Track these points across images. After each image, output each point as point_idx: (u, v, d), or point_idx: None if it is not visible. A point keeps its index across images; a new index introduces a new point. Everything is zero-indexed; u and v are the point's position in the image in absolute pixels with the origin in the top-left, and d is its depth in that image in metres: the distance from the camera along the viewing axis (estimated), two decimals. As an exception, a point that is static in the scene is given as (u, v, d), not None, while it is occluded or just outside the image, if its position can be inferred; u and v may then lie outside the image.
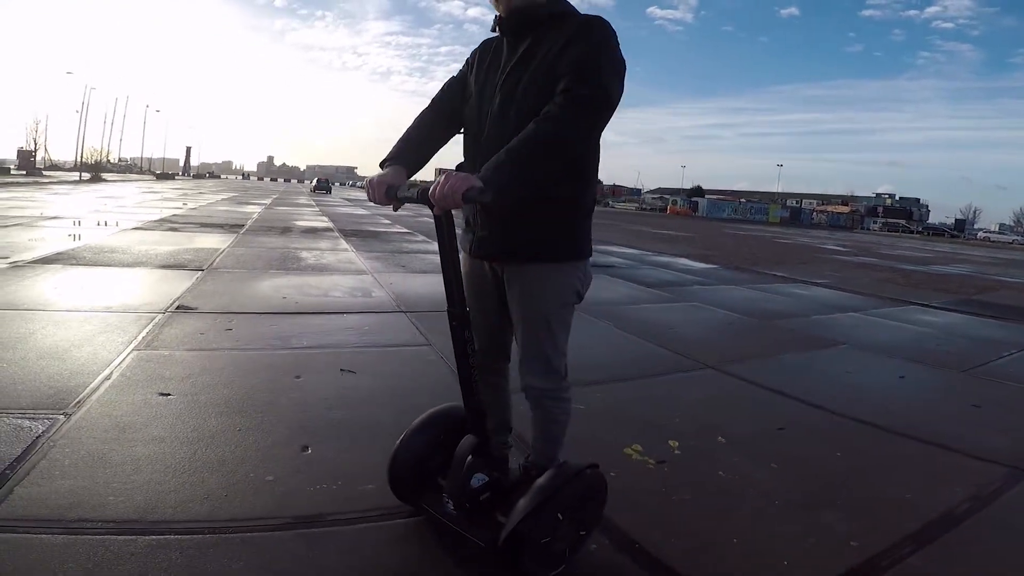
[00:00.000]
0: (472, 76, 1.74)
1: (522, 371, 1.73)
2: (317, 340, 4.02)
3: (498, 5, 1.61)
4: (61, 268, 5.91)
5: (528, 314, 1.68)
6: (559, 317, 1.70)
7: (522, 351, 1.73)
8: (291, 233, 11.19)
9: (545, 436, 1.81)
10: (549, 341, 1.69)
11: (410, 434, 1.90)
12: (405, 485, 1.89)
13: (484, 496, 1.76)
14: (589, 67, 1.44)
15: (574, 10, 1.63)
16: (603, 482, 1.86)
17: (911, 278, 12.49)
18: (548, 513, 1.60)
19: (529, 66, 1.55)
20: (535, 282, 1.65)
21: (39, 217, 11.06)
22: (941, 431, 3.21)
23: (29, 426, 2.39)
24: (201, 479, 2.11)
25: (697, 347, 4.67)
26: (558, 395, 1.76)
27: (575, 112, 1.39)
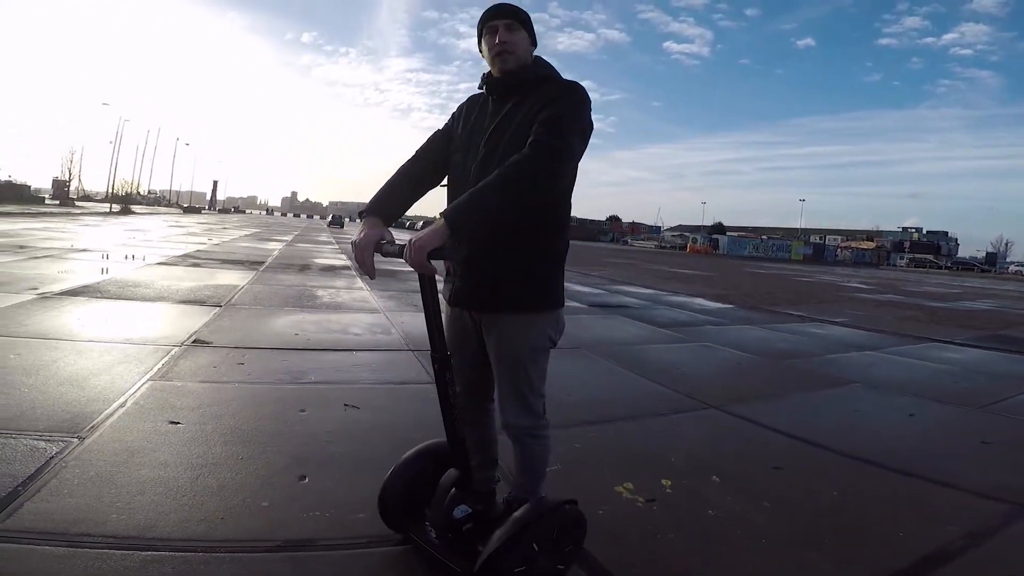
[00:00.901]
0: (458, 129, 1.86)
1: (501, 410, 1.83)
2: (325, 376, 4.13)
3: (493, 64, 1.76)
4: (86, 300, 6.15)
5: (504, 358, 1.78)
6: (534, 361, 1.79)
7: (500, 392, 1.82)
8: (309, 271, 11.45)
9: (526, 471, 1.89)
10: (525, 383, 1.78)
11: (401, 466, 2.00)
12: (394, 514, 1.99)
13: (467, 527, 1.84)
14: (557, 123, 1.57)
15: (556, 74, 1.77)
16: (581, 518, 1.91)
17: (936, 315, 12.30)
18: (522, 544, 1.66)
19: (511, 124, 1.67)
20: (510, 330, 1.75)
21: (69, 249, 11.45)
22: (945, 468, 3.18)
23: (44, 447, 2.53)
24: (200, 502, 2.20)
25: (702, 387, 4.67)
26: (537, 432, 1.83)
27: (536, 158, 1.50)
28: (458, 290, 1.79)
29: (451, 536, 1.83)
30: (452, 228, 1.44)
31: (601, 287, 12.94)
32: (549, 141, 1.53)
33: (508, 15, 1.73)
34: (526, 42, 1.77)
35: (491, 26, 1.74)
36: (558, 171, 1.54)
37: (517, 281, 1.71)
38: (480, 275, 1.72)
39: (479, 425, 1.98)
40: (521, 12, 1.76)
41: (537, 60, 1.80)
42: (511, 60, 1.73)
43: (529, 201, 1.51)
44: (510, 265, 1.69)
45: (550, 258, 1.75)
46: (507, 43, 1.72)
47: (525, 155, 1.51)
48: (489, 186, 1.48)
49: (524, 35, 1.76)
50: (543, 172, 1.51)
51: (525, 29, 1.76)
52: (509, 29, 1.73)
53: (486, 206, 1.47)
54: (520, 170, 1.49)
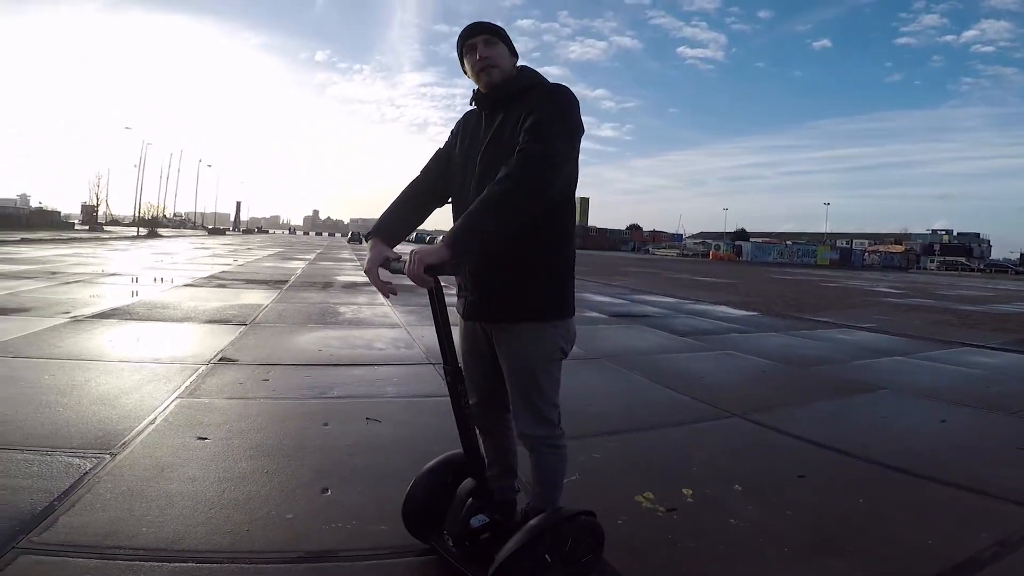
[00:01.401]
0: (456, 148, 1.90)
1: (516, 421, 1.85)
2: (347, 390, 4.19)
3: (478, 80, 1.80)
4: (117, 322, 6.34)
5: (516, 369, 1.80)
6: (546, 371, 1.81)
7: (513, 403, 1.84)
8: (331, 288, 11.60)
9: (543, 481, 1.90)
10: (537, 393, 1.80)
11: (422, 476, 2.04)
12: (416, 523, 2.03)
13: (484, 536, 1.86)
14: (543, 128, 1.59)
15: (542, 81, 1.80)
16: (598, 529, 1.90)
17: (968, 319, 12.01)
18: (534, 553, 1.67)
19: (502, 140, 1.71)
20: (521, 340, 1.77)
21: (99, 274, 11.78)
22: (977, 475, 3.10)
23: (78, 463, 2.63)
24: (227, 515, 2.26)
25: (724, 396, 4.63)
26: (552, 442, 1.85)
27: (523, 168, 1.52)
28: (469, 303, 1.83)
29: (468, 545, 1.85)
30: (451, 248, 1.48)
31: (622, 296, 12.88)
32: (533, 148, 1.55)
33: (485, 31, 1.78)
34: (506, 54, 1.80)
35: (470, 44, 1.78)
36: (546, 177, 1.55)
37: (524, 292, 1.73)
38: (488, 287, 1.76)
39: (496, 435, 2.01)
40: (497, 27, 1.80)
41: (522, 70, 1.83)
42: (495, 73, 1.77)
43: (523, 212, 1.53)
44: (517, 276, 1.72)
45: (556, 267, 1.78)
46: (488, 58, 1.76)
47: (512, 167, 1.54)
48: (483, 204, 1.51)
49: (503, 48, 1.79)
50: (531, 181, 1.53)
51: (503, 42, 1.79)
52: (488, 44, 1.77)
53: (482, 224, 1.50)
54: (509, 183, 1.51)
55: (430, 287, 1.59)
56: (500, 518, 1.91)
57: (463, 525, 1.85)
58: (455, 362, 1.77)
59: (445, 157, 1.94)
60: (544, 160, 1.55)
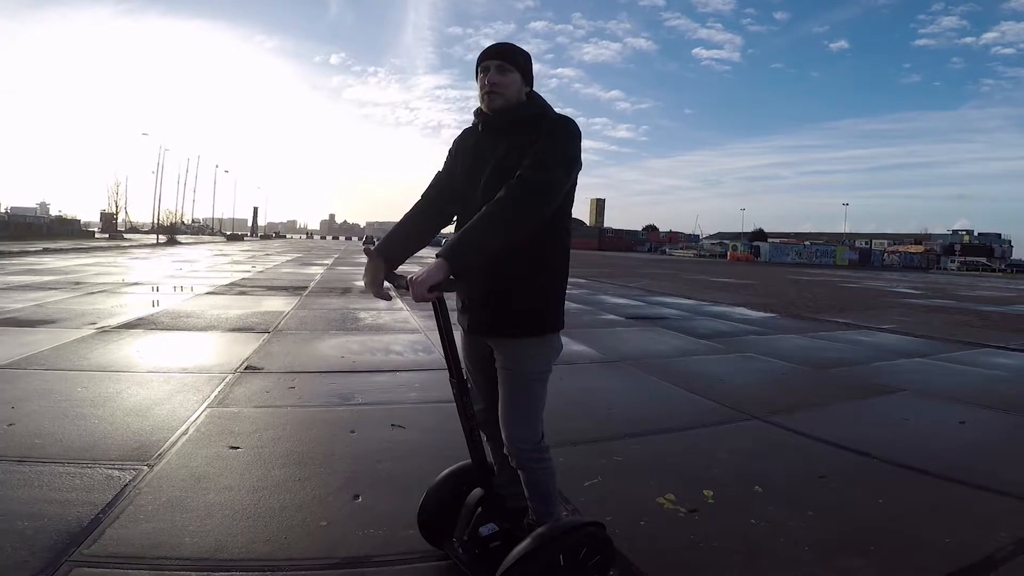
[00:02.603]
0: (458, 167, 1.94)
1: (505, 432, 1.87)
2: (371, 397, 4.29)
3: (482, 101, 1.85)
4: (143, 333, 6.46)
5: (511, 380, 1.85)
6: (538, 383, 1.87)
7: (504, 414, 1.87)
8: (350, 294, 11.72)
9: (536, 496, 1.93)
10: (528, 404, 1.85)
11: (434, 487, 2.13)
12: (430, 530, 2.11)
13: (495, 544, 1.92)
14: (542, 158, 1.66)
15: (548, 111, 1.84)
16: (607, 540, 1.92)
17: (989, 319, 11.88)
18: (540, 560, 1.70)
19: (507, 169, 1.73)
20: (518, 353, 1.83)
21: (121, 284, 11.94)
22: (996, 475, 3.12)
23: (118, 475, 2.73)
24: (264, 524, 2.35)
25: (744, 398, 4.65)
26: (540, 454, 1.89)
27: (521, 192, 1.60)
28: (472, 319, 1.89)
29: (478, 552, 1.91)
30: (449, 261, 1.54)
31: (640, 299, 12.89)
32: (532, 176, 1.62)
33: (502, 56, 1.81)
34: (518, 83, 1.82)
35: (485, 65, 1.81)
36: (540, 204, 1.62)
37: (521, 307, 1.79)
38: (487, 303, 1.82)
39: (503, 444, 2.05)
40: (518, 55, 1.82)
41: (531, 97, 1.86)
42: (498, 100, 1.79)
43: (515, 234, 1.60)
44: (514, 292, 1.79)
45: (551, 283, 1.84)
46: (495, 84, 1.79)
47: (508, 191, 1.61)
48: (478, 224, 1.58)
49: (516, 76, 1.81)
50: (526, 206, 1.60)
51: (519, 71, 1.82)
52: (500, 71, 1.79)
53: (477, 243, 1.57)
54: (503, 207, 1.58)
55: (433, 302, 1.67)
56: (510, 526, 1.96)
57: (473, 533, 1.92)
58: (460, 373, 1.84)
59: (447, 177, 1.98)
60: (540, 187, 1.62)
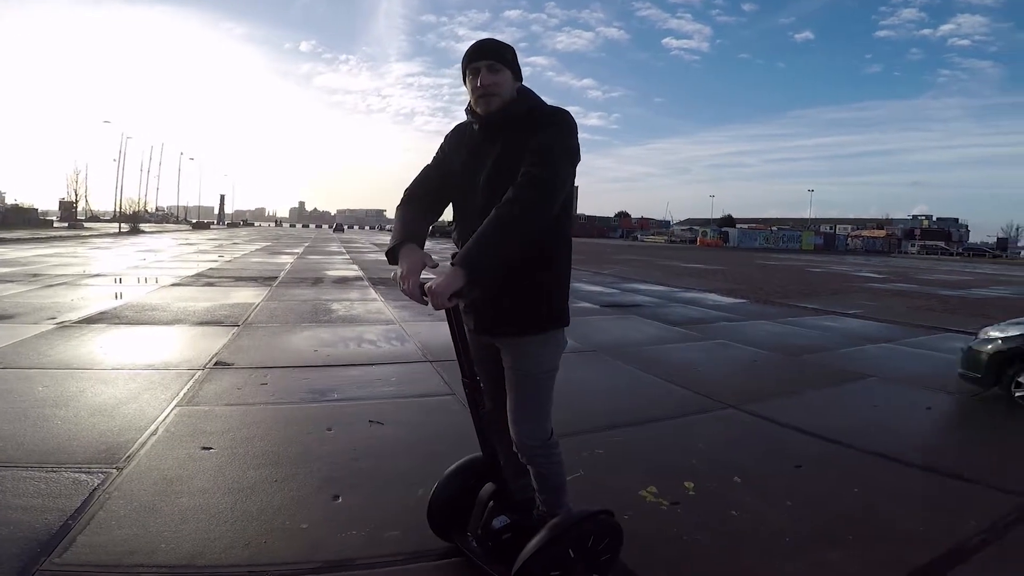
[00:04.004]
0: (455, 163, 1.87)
1: (514, 430, 1.86)
2: (347, 392, 4.21)
3: (477, 104, 1.77)
4: (105, 327, 6.22)
5: (518, 379, 1.84)
6: (545, 381, 1.85)
7: (512, 412, 1.86)
8: (322, 284, 11.54)
9: (545, 488, 1.94)
10: (536, 402, 1.84)
11: (445, 479, 2.12)
12: (440, 523, 2.11)
13: (506, 536, 1.93)
14: (544, 152, 1.63)
15: (540, 104, 1.80)
16: (617, 528, 1.96)
17: (948, 303, 12.29)
18: (556, 550, 1.74)
19: (506, 167, 1.67)
20: (524, 352, 1.82)
21: (82, 275, 11.50)
22: (963, 462, 3.22)
23: (86, 480, 2.62)
24: (242, 527, 2.29)
25: (719, 386, 4.72)
26: (548, 451, 1.89)
27: (529, 191, 1.57)
28: (479, 319, 1.85)
29: (491, 545, 1.93)
30: (468, 270, 1.50)
31: (613, 286, 12.99)
32: (539, 173, 1.59)
33: (490, 55, 1.73)
34: (510, 80, 1.76)
35: (474, 67, 1.74)
36: (550, 200, 1.60)
37: (526, 306, 1.77)
38: (492, 302, 1.78)
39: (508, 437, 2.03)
40: (506, 51, 1.76)
41: (522, 92, 1.80)
42: (495, 102, 1.73)
43: (529, 234, 1.57)
44: (519, 291, 1.76)
45: (555, 280, 1.82)
46: (489, 86, 1.72)
47: (517, 191, 1.57)
48: (492, 226, 1.54)
49: (507, 74, 1.75)
50: (536, 205, 1.57)
51: (509, 67, 1.76)
52: (491, 70, 1.73)
53: (493, 248, 1.53)
54: (516, 207, 1.55)
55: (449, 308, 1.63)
56: (521, 518, 1.97)
57: (486, 526, 1.94)
58: (472, 374, 1.83)
59: (438, 172, 1.91)
60: (547, 184, 1.59)
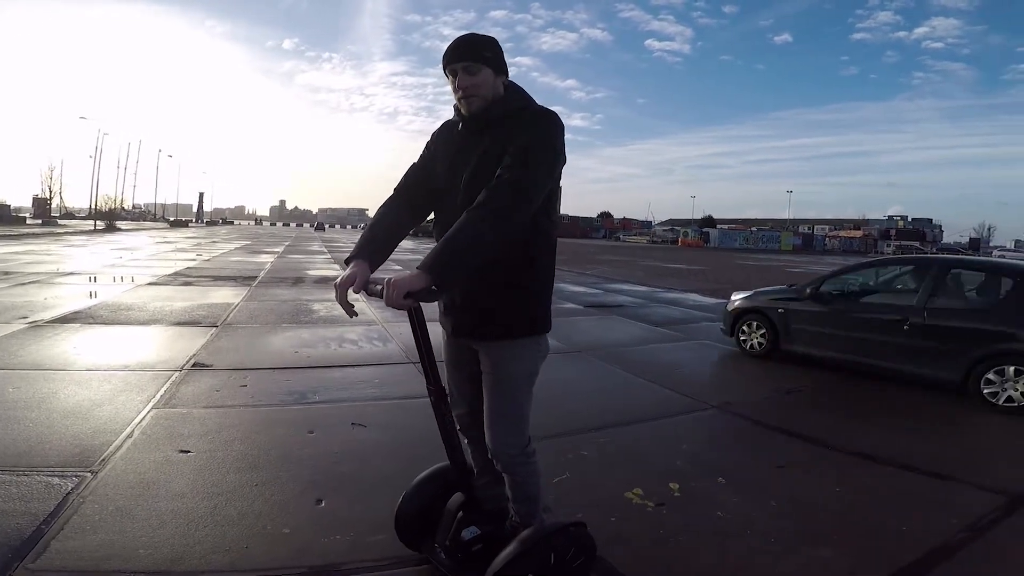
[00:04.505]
0: (438, 165, 1.81)
1: (490, 436, 1.81)
2: (329, 395, 4.15)
3: (460, 105, 1.73)
4: (79, 327, 6.07)
5: (496, 384, 1.79)
6: (523, 386, 1.80)
7: (489, 418, 1.80)
8: (303, 284, 11.40)
9: (520, 498, 1.88)
10: (514, 408, 1.80)
11: (412, 489, 2.05)
12: (408, 533, 2.05)
13: (476, 547, 1.87)
14: (523, 155, 1.58)
15: (528, 103, 1.74)
16: (589, 540, 1.90)
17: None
18: (526, 564, 1.68)
19: (488, 167, 1.64)
20: (502, 357, 1.77)
21: (55, 273, 11.24)
22: (940, 461, 3.27)
23: (59, 483, 2.55)
24: (222, 532, 2.23)
25: (702, 387, 4.75)
26: (525, 459, 1.83)
27: (502, 195, 1.52)
28: (457, 322, 1.81)
29: (461, 556, 1.87)
30: (430, 273, 1.46)
31: (596, 286, 13.01)
32: (512, 177, 1.54)
33: (467, 56, 1.67)
34: (490, 78, 1.70)
35: (451, 68, 1.69)
36: (523, 204, 1.55)
37: (506, 310, 1.73)
38: (470, 306, 1.75)
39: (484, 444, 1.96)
40: (483, 48, 1.69)
41: (510, 90, 1.75)
42: (476, 103, 1.69)
43: (498, 239, 1.52)
44: (498, 295, 1.71)
45: (535, 285, 1.77)
46: (468, 87, 1.68)
47: (489, 194, 1.53)
48: (459, 232, 1.50)
49: (487, 72, 1.69)
50: (508, 209, 1.52)
51: (489, 64, 1.69)
52: (468, 72, 1.67)
53: (459, 253, 1.49)
54: (485, 211, 1.51)
55: (410, 310, 1.57)
56: (492, 529, 1.91)
57: (455, 537, 1.87)
58: (438, 382, 1.76)
59: (423, 171, 1.86)
60: (522, 188, 1.54)
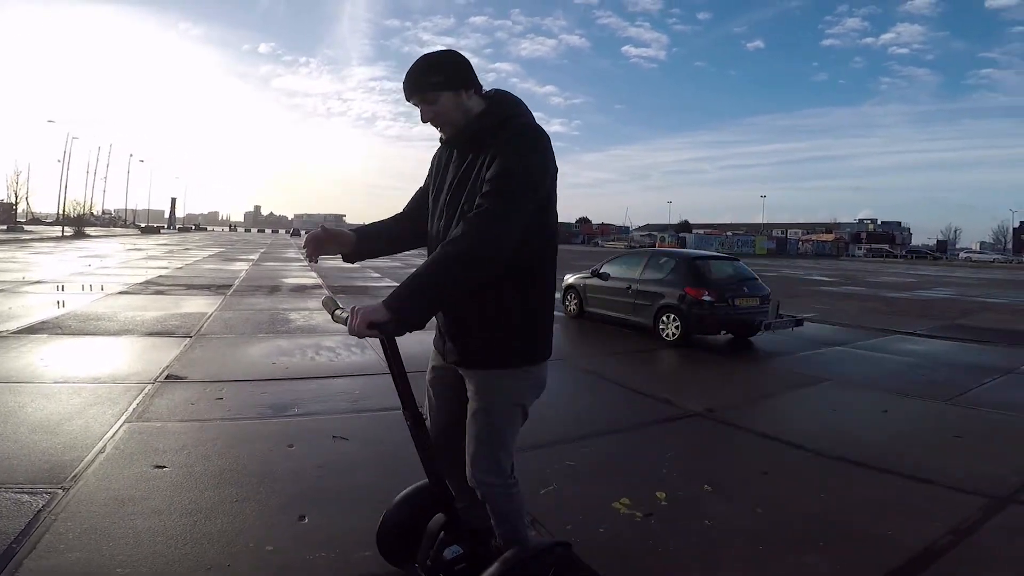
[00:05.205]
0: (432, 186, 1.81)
1: (469, 466, 1.73)
2: (308, 407, 4.06)
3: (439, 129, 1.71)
4: (47, 338, 5.89)
5: (479, 413, 1.72)
6: (508, 417, 1.72)
7: (470, 446, 1.73)
8: (279, 292, 11.22)
9: (502, 522, 1.80)
10: (496, 439, 1.71)
11: (393, 509, 1.97)
12: (391, 552, 1.98)
13: (459, 567, 1.80)
14: (501, 180, 1.50)
15: (511, 118, 1.65)
16: (575, 561, 1.84)
17: (895, 305, 12.81)
18: None
19: (465, 185, 1.60)
20: (488, 385, 1.69)
21: (21, 282, 10.91)
22: (923, 465, 3.31)
23: (29, 500, 2.45)
24: (203, 550, 2.16)
25: (683, 393, 4.77)
26: (506, 490, 1.75)
27: (480, 228, 1.46)
28: (442, 345, 1.77)
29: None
30: (390, 310, 1.40)
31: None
32: (489, 207, 1.48)
33: (415, 91, 1.62)
34: (450, 101, 1.62)
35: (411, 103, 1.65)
36: (502, 235, 1.48)
37: (492, 338, 1.66)
38: (457, 332, 1.70)
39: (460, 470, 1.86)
40: (430, 76, 1.60)
41: (493, 103, 1.68)
42: (446, 130, 1.67)
43: (474, 274, 1.48)
44: (485, 322, 1.65)
45: (527, 312, 1.68)
46: (431, 120, 1.65)
47: (464, 228, 1.48)
48: (429, 267, 1.46)
49: (446, 96, 1.61)
50: (484, 243, 1.46)
51: (444, 88, 1.60)
52: (425, 102, 1.62)
53: (425, 290, 1.45)
54: (460, 246, 1.46)
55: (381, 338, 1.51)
56: (475, 547, 1.84)
57: (436, 558, 1.79)
58: (415, 406, 1.69)
59: (425, 191, 1.85)
60: (498, 219, 1.48)
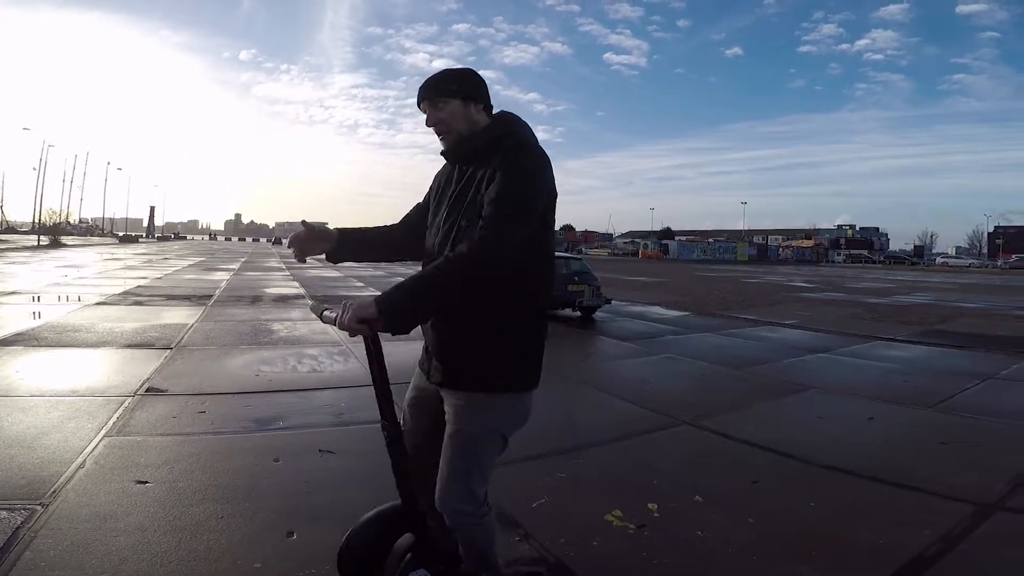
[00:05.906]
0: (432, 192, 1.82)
1: (440, 492, 1.67)
2: (294, 420, 3.99)
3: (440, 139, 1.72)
4: (23, 350, 5.76)
5: (453, 438, 1.66)
6: (484, 444, 1.67)
7: (443, 470, 1.67)
8: (261, 303, 11.05)
9: (470, 553, 1.75)
10: (472, 464, 1.66)
11: (362, 525, 1.86)
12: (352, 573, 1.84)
13: None
14: (498, 205, 1.51)
15: (509, 135, 1.65)
16: None
17: (876, 311, 12.98)
18: None
19: (463, 203, 1.61)
20: (466, 408, 1.64)
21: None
22: (910, 472, 3.33)
23: (6, 517, 2.38)
24: (189, 568, 2.11)
25: (672, 403, 4.77)
26: (477, 521, 1.70)
27: (473, 250, 1.47)
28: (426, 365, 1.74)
29: None
30: (379, 309, 1.40)
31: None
32: (486, 230, 1.49)
33: (430, 93, 1.66)
34: (459, 111, 1.66)
35: (421, 108, 1.69)
36: (496, 258, 1.49)
37: (474, 360, 1.62)
38: (439, 350, 1.66)
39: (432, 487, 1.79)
40: (449, 83, 1.66)
41: (495, 119, 1.70)
42: (448, 139, 1.68)
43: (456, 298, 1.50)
44: (468, 343, 1.61)
45: (514, 336, 1.63)
46: (435, 125, 1.67)
47: (460, 249, 1.50)
48: (419, 278, 1.48)
49: (455, 104, 1.65)
50: (486, 258, 1.48)
51: (456, 96, 1.65)
52: (434, 107, 1.66)
53: (413, 298, 1.46)
54: (456, 263, 1.47)
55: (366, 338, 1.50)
56: (443, 569, 1.74)
57: None
58: (393, 417, 1.64)
59: (424, 206, 1.85)
60: (493, 243, 1.49)
